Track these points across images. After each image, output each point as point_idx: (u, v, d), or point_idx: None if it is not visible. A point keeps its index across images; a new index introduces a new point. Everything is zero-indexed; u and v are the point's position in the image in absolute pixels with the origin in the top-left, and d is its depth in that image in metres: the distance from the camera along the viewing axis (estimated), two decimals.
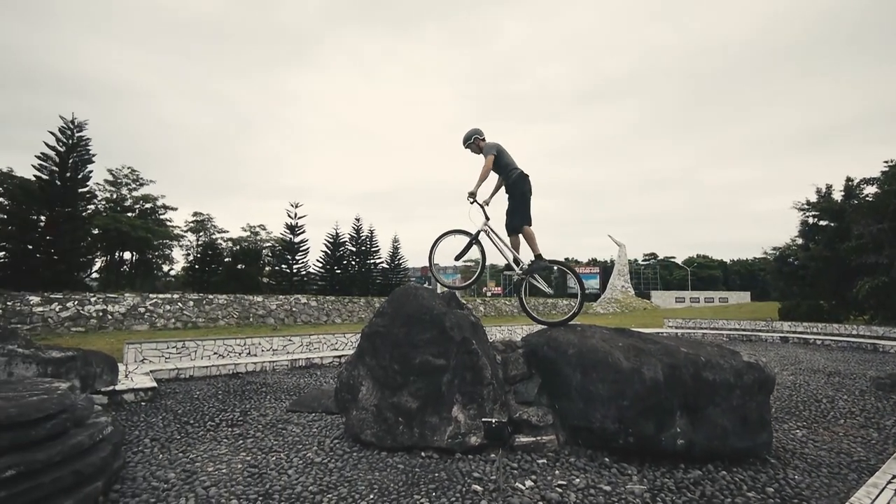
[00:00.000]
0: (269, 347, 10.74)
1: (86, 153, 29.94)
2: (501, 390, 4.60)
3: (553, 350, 4.75)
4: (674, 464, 4.07)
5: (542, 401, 4.70)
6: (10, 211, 27.73)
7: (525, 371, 4.88)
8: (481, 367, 4.48)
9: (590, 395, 4.35)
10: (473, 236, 5.52)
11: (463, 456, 4.17)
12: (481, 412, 4.36)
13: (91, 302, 19.42)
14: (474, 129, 5.70)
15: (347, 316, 27.61)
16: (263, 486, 3.53)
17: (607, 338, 4.85)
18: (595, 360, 4.44)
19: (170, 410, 5.93)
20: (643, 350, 4.54)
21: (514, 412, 4.53)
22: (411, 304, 4.94)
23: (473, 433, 4.26)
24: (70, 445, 3.17)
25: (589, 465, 4.01)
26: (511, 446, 4.32)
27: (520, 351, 5.08)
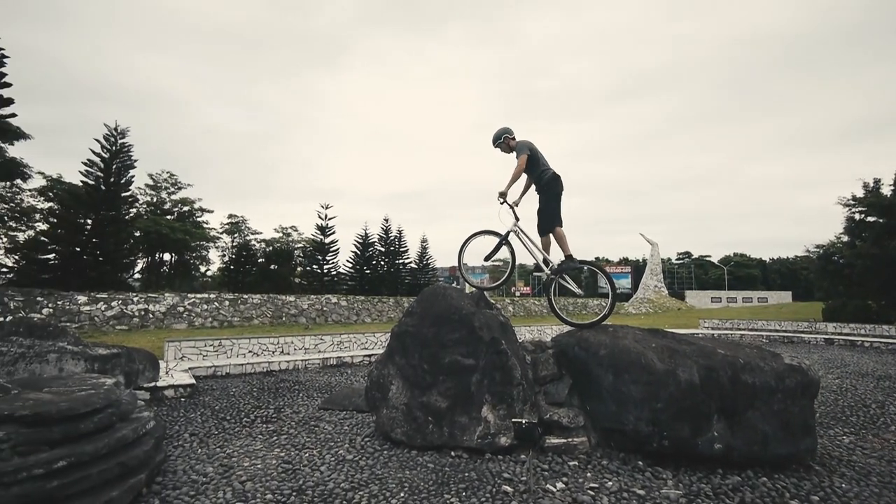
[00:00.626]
0: (302, 346, 10.97)
1: (128, 159, 31.28)
2: (531, 391, 4.56)
3: (584, 351, 4.68)
4: (711, 469, 3.95)
5: (572, 402, 4.64)
6: (59, 215, 29.22)
7: (555, 372, 4.83)
8: (511, 367, 4.46)
9: (622, 397, 4.27)
10: (503, 237, 5.47)
11: (493, 456, 4.16)
12: (511, 412, 4.34)
13: (134, 301, 20.27)
14: (504, 128, 5.64)
15: (377, 315, 27.91)
16: (297, 481, 3.60)
17: (640, 338, 4.75)
18: (627, 361, 4.35)
19: (208, 407, 6.13)
20: (678, 351, 4.42)
21: (544, 413, 4.49)
22: (440, 304, 4.96)
23: (503, 433, 4.24)
24: (116, 439, 3.32)
25: (622, 469, 3.94)
26: (541, 447, 4.29)
27: (550, 351, 5.03)
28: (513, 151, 5.56)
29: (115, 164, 30.41)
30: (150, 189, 43.30)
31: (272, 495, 3.35)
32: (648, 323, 23.88)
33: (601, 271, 5.76)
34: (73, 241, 27.70)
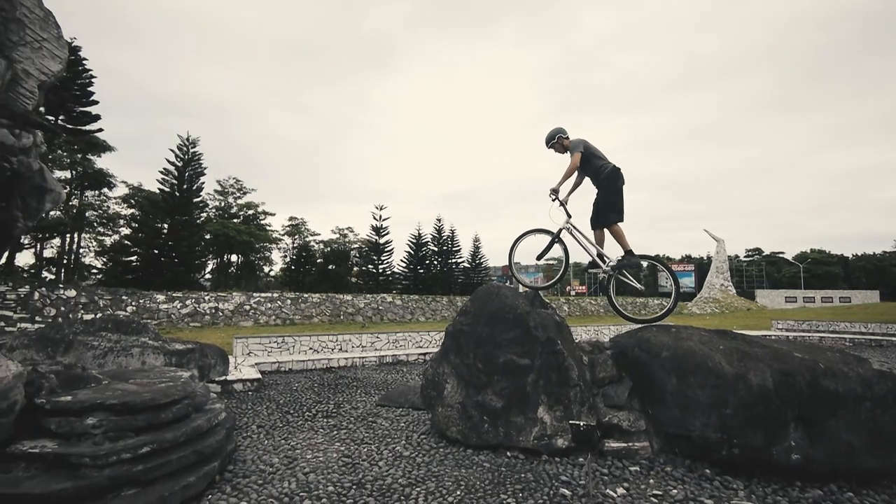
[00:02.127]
0: (359, 344, 11.28)
1: (199, 167, 33.48)
2: (589, 392, 4.45)
3: (645, 352, 4.51)
4: (788, 481, 3.68)
5: (633, 405, 4.48)
6: (140, 220, 31.72)
7: (614, 373, 4.68)
8: (567, 367, 4.37)
9: (687, 402, 4.07)
10: (555, 235, 5.37)
11: (550, 458, 4.10)
12: (568, 414, 4.25)
13: (205, 300, 21.65)
14: (558, 128, 5.56)
15: (431, 314, 28.22)
16: (356, 475, 3.71)
17: (706, 340, 4.51)
18: (693, 363, 4.15)
19: (273, 400, 6.44)
20: (748, 354, 4.16)
21: (602, 416, 4.37)
22: (494, 303, 4.94)
23: (560, 435, 4.17)
24: (192, 428, 3.56)
25: (687, 476, 3.76)
26: (601, 451, 4.17)
27: (608, 352, 4.88)
28: (567, 151, 5.46)
29: (187, 172, 32.65)
30: (218, 194, 46.04)
31: (333, 487, 3.47)
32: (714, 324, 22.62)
33: (665, 267, 5.55)
34: (152, 244, 29.99)
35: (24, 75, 4.54)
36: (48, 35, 4.72)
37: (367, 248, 44.09)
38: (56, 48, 4.77)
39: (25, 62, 4.55)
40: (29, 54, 4.57)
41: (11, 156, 4.00)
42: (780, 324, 19.98)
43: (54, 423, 3.14)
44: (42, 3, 4.68)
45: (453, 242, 45.59)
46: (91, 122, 29.62)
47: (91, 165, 32.05)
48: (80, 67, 28.43)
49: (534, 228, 5.53)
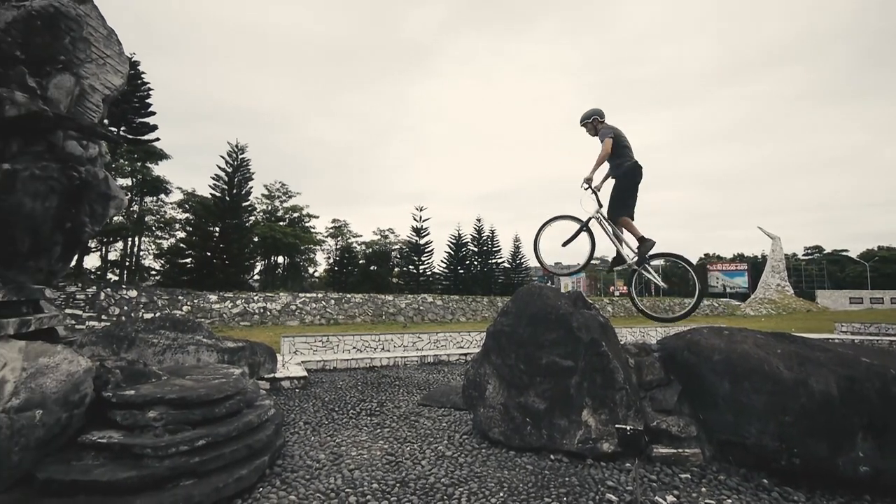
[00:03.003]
0: (401, 343, 11.42)
1: (247, 172, 34.85)
2: (636, 396, 4.32)
3: (695, 355, 4.33)
4: (855, 494, 3.45)
5: (682, 410, 4.31)
6: (194, 224, 33.34)
7: (662, 377, 4.53)
8: (612, 370, 4.26)
9: (741, 407, 3.88)
10: (584, 223, 5.27)
11: (595, 462, 4.01)
12: (614, 418, 4.15)
13: (254, 300, 22.51)
14: (596, 108, 5.47)
15: (471, 315, 28.20)
16: (400, 473, 3.76)
17: (762, 343, 4.28)
18: (747, 367, 3.96)
19: (318, 398, 6.62)
20: (809, 359, 3.92)
21: (650, 420, 4.23)
22: (536, 304, 4.88)
23: (606, 439, 4.07)
24: (243, 423, 3.71)
25: (743, 486, 3.58)
26: (648, 457, 4.04)
27: (655, 355, 4.73)
28: (597, 134, 5.34)
29: (236, 178, 34.06)
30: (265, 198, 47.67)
31: (378, 485, 3.53)
32: (770, 326, 21.45)
33: (683, 261, 5.30)
34: (205, 246, 31.46)
35: (91, 90, 4.87)
36: (111, 52, 5.04)
37: (407, 249, 44.55)
38: (118, 64, 5.08)
39: (91, 78, 4.87)
40: (94, 70, 4.89)
41: (80, 165, 4.29)
42: (845, 326, 18.71)
43: (119, 415, 3.34)
44: (105, 22, 5.00)
45: (493, 243, 45.40)
46: (149, 132, 31.39)
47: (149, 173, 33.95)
48: (138, 81, 30.21)
49: (561, 214, 5.43)
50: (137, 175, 33.22)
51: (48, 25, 4.52)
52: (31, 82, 4.29)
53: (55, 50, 4.60)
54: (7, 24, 4.33)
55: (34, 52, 4.48)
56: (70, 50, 4.70)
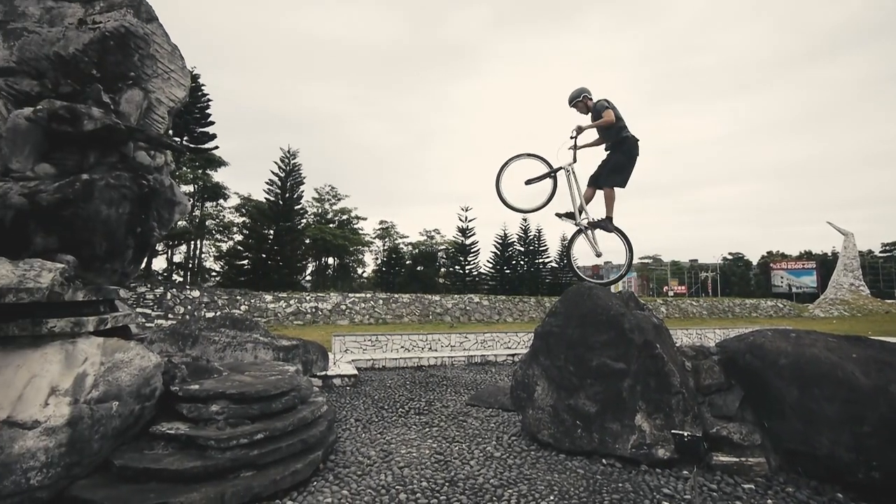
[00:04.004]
0: (448, 343, 11.48)
1: (299, 176, 36.14)
2: (693, 401, 4.14)
3: (758, 359, 4.10)
4: None
5: (745, 416, 4.09)
6: (250, 228, 34.91)
7: (722, 381, 4.31)
8: (667, 373, 4.10)
9: (811, 416, 3.63)
10: (554, 169, 5.32)
11: (650, 468, 3.87)
12: (669, 423, 3.98)
13: (306, 300, 23.30)
14: (582, 87, 5.48)
15: (518, 315, 27.92)
16: (448, 473, 3.77)
17: (834, 347, 3.99)
18: (818, 373, 3.70)
19: (368, 396, 6.76)
20: (890, 364, 3.62)
21: (709, 427, 4.04)
22: (585, 304, 4.77)
23: (661, 445, 3.92)
24: (298, 418, 3.85)
25: (814, 500, 3.35)
26: (708, 465, 3.86)
27: (715, 358, 4.51)
28: (590, 112, 5.42)
29: (289, 182, 35.38)
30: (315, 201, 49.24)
31: (427, 483, 3.56)
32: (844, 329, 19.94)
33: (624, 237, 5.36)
34: (260, 249, 32.88)
35: (157, 103, 5.20)
36: (175, 66, 5.36)
37: (453, 250, 44.70)
38: (181, 77, 5.40)
39: (157, 92, 5.20)
40: (160, 84, 5.22)
41: (149, 174, 4.60)
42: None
43: (185, 408, 3.55)
44: (169, 39, 5.33)
45: (540, 242, 44.74)
46: (208, 140, 33.15)
47: (209, 179, 35.86)
48: (199, 93, 31.97)
49: (530, 153, 5.38)
50: (199, 182, 35.15)
51: (120, 45, 4.86)
52: (106, 98, 4.63)
53: (126, 67, 4.95)
54: (84, 46, 4.70)
55: (108, 69, 4.84)
56: (139, 66, 5.04)
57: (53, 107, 4.11)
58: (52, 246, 3.79)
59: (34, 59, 4.62)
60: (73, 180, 3.93)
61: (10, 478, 2.75)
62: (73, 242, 3.86)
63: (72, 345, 3.31)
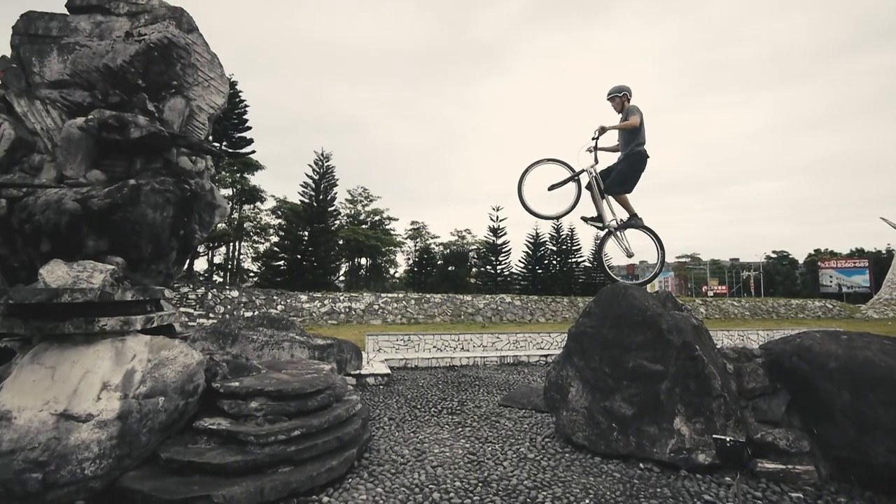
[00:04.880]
0: (480, 343, 11.45)
1: (332, 179, 36.80)
2: (736, 405, 3.99)
3: (806, 362, 3.91)
4: None
5: (792, 422, 3.91)
6: (285, 229, 35.80)
7: (766, 385, 4.14)
8: (708, 375, 3.97)
9: (865, 422, 3.44)
10: (576, 173, 5.26)
11: (689, 474, 3.75)
12: (710, 427, 3.85)
13: (340, 300, 23.70)
14: (625, 85, 5.40)
15: (551, 315, 27.59)
16: (482, 473, 3.77)
17: (890, 350, 3.77)
18: (872, 377, 3.50)
19: (401, 395, 6.82)
20: None
21: (753, 432, 3.88)
22: (621, 304, 4.67)
23: (702, 450, 3.80)
24: (333, 416, 3.92)
25: None
26: (752, 471, 3.71)
27: (758, 360, 4.33)
28: (622, 112, 5.36)
29: (322, 185, 36.08)
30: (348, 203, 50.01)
31: (460, 483, 3.57)
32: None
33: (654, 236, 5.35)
34: (295, 250, 33.67)
35: (198, 110, 5.40)
36: (214, 74, 5.55)
37: (484, 249, 44.56)
38: (220, 85, 5.59)
39: (198, 99, 5.40)
40: (200, 92, 5.42)
41: (191, 178, 4.78)
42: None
43: (226, 404, 3.67)
44: (209, 48, 5.52)
45: (573, 241, 44.06)
46: (246, 145, 34.19)
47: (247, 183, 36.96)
48: (237, 99, 33.00)
49: (551, 157, 5.33)
50: (237, 185, 36.27)
51: (163, 55, 5.07)
52: (151, 106, 4.84)
53: (169, 76, 5.16)
54: (131, 57, 4.93)
55: (152, 79, 5.06)
56: (181, 75, 5.24)
57: (103, 116, 4.33)
58: (103, 248, 3.99)
59: (85, 72, 4.88)
60: (122, 185, 4.13)
61: (67, 468, 2.91)
62: (121, 245, 4.05)
63: (121, 342, 3.48)
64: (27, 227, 3.99)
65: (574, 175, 5.30)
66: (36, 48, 4.94)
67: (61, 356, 3.32)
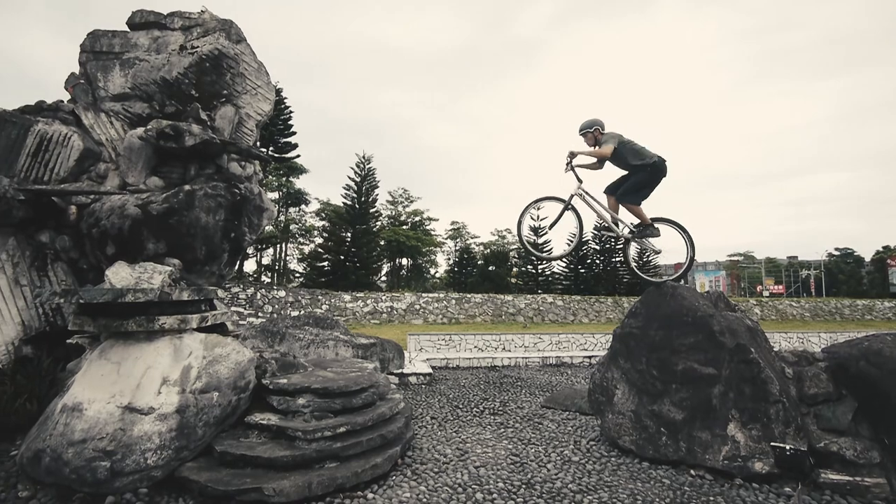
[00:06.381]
0: (521, 344, 11.34)
1: (373, 181, 37.47)
2: (796, 411, 3.76)
3: (875, 367, 3.64)
4: None
5: (860, 431, 3.66)
6: (329, 231, 36.72)
7: (830, 390, 3.88)
8: (764, 380, 3.76)
9: None
10: (567, 202, 5.13)
11: (745, 483, 3.57)
12: (768, 434, 3.66)
13: (382, 300, 24.07)
14: (596, 119, 5.26)
15: (595, 316, 26.98)
16: (525, 475, 3.73)
17: None
18: None
19: (443, 394, 6.85)
20: None
21: (816, 441, 3.66)
22: (669, 305, 4.51)
23: (758, 458, 3.61)
24: (377, 414, 3.98)
25: None
26: (815, 482, 3.49)
27: (821, 364, 4.07)
28: (596, 145, 5.18)
29: (364, 186, 36.78)
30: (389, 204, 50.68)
31: (503, 484, 3.54)
32: None
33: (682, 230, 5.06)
34: (339, 251, 34.46)
35: (246, 117, 5.62)
36: (261, 82, 5.76)
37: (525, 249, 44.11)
38: (267, 92, 5.79)
39: (246, 107, 5.62)
40: (249, 100, 5.64)
41: (240, 183, 4.98)
42: None
43: (276, 400, 3.80)
44: (256, 57, 5.74)
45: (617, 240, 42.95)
46: (291, 149, 35.31)
47: (292, 186, 38.17)
48: (282, 105, 34.14)
49: (544, 197, 5.34)
50: (283, 189, 37.52)
51: (214, 66, 5.31)
52: (203, 115, 5.07)
53: (219, 86, 5.39)
54: (185, 69, 5.18)
55: (204, 89, 5.30)
56: (230, 84, 5.46)
57: (160, 126, 4.58)
58: (161, 251, 4.22)
59: (144, 84, 5.18)
60: (178, 191, 4.35)
61: (132, 457, 3.10)
62: (178, 247, 4.27)
63: (179, 340, 3.67)
64: (94, 231, 4.27)
65: (567, 204, 5.18)
66: (101, 64, 5.29)
67: (125, 352, 3.54)
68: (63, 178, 4.81)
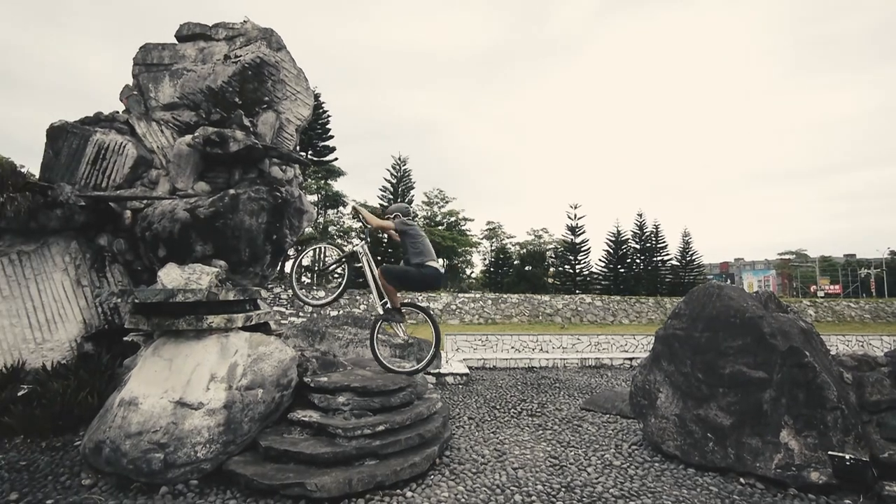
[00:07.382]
0: (559, 345, 11.17)
1: (409, 182, 37.88)
2: (856, 419, 3.55)
3: None
4: None
5: None
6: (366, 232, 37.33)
7: (894, 397, 3.64)
8: (820, 385, 3.56)
9: None
10: (344, 255, 4.99)
11: (799, 493, 3.39)
12: (824, 442, 3.46)
13: (418, 300, 24.27)
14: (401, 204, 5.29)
15: (635, 317, 26.29)
16: (564, 478, 3.67)
17: None
18: None
19: (480, 395, 6.83)
20: None
21: (879, 450, 3.43)
22: (714, 305, 4.34)
23: (814, 467, 3.42)
24: (415, 413, 4.01)
25: None
26: (879, 495, 3.28)
27: (884, 370, 3.82)
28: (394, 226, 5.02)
29: (400, 188, 37.23)
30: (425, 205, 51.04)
31: (542, 486, 3.50)
32: None
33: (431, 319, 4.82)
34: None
35: (287, 123, 5.78)
36: (300, 88, 5.91)
37: (562, 249, 43.45)
38: (306, 98, 5.94)
39: (287, 112, 5.78)
40: (288, 105, 5.79)
41: (281, 186, 5.13)
42: None
43: (317, 398, 3.89)
44: (295, 63, 5.90)
45: (657, 238, 41.59)
46: (329, 153, 36.14)
47: (330, 189, 39.03)
48: (320, 109, 34.98)
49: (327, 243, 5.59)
50: (321, 191, 38.41)
51: (256, 73, 5.49)
52: (246, 121, 5.25)
53: (261, 93, 5.57)
54: (229, 77, 5.38)
55: (247, 96, 5.49)
56: (271, 91, 5.64)
57: (207, 133, 4.77)
58: (208, 253, 4.40)
59: (191, 94, 5.41)
60: (223, 195, 4.53)
61: (183, 450, 3.24)
62: (223, 249, 4.45)
63: (225, 338, 3.81)
64: (147, 234, 4.50)
65: (343, 257, 5.06)
66: (152, 75, 5.57)
67: (177, 349, 3.71)
68: (119, 185, 5.09)
